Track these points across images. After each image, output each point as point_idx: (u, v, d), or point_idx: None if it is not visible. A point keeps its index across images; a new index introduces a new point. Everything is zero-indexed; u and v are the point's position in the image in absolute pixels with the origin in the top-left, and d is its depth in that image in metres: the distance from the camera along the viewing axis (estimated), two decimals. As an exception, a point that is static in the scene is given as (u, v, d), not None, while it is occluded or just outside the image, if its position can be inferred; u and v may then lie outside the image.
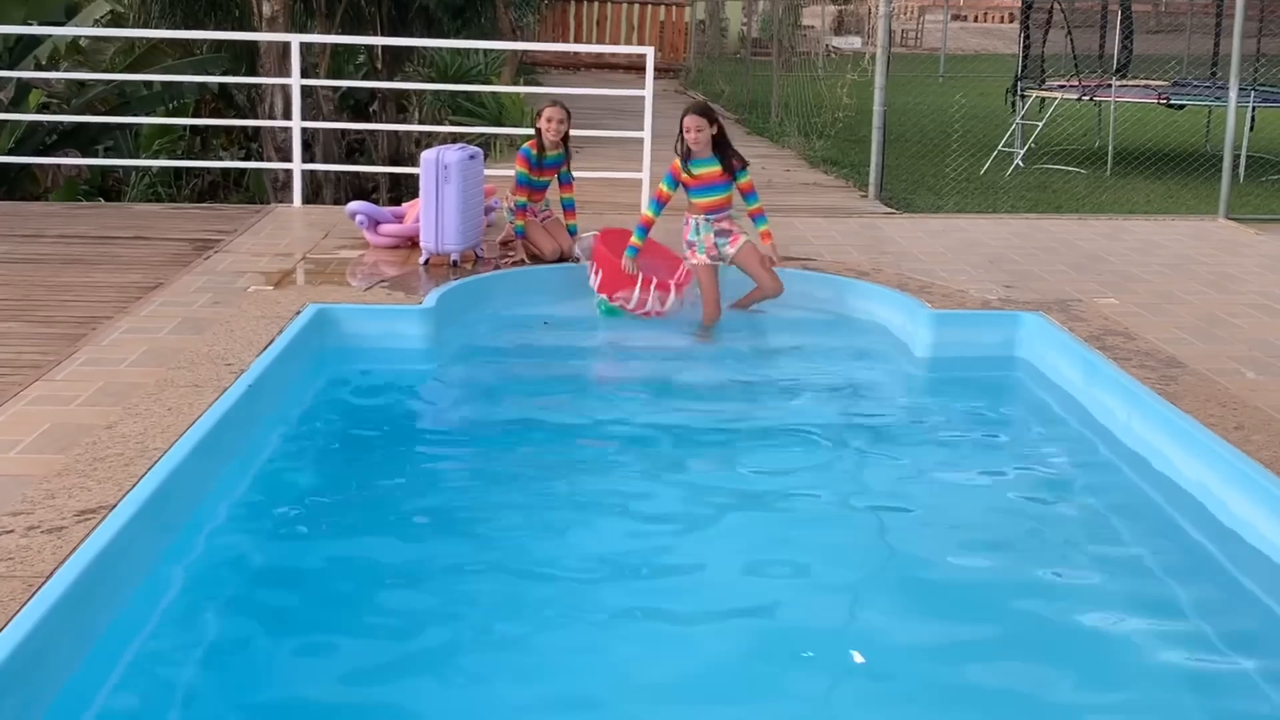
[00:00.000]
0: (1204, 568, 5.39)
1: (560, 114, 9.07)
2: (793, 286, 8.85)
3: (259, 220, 10.73)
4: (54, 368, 6.55)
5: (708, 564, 5.37)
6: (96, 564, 4.36)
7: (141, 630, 4.52)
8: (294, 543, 5.42)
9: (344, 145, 20.49)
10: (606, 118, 16.77)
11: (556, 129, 9.06)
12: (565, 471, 6.33)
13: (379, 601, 4.97)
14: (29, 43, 17.74)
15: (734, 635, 4.80)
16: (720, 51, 32.90)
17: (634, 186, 11.73)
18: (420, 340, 7.69)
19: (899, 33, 40.10)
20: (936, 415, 7.32)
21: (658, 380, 7.75)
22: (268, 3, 17.23)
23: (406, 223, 9.53)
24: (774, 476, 6.29)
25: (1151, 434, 6.30)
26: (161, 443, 5.43)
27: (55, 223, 10.51)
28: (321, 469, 6.19)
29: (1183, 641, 4.85)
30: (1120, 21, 18.95)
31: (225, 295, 8.04)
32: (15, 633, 3.86)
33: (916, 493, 6.16)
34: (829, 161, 16.67)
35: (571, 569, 5.25)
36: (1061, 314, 7.99)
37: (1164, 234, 11.05)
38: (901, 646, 4.75)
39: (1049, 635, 4.86)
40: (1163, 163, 16.49)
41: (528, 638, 4.70)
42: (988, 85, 23.69)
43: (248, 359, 6.61)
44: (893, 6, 13.70)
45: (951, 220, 11.88)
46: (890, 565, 5.43)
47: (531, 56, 29.37)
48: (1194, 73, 20.83)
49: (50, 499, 4.86)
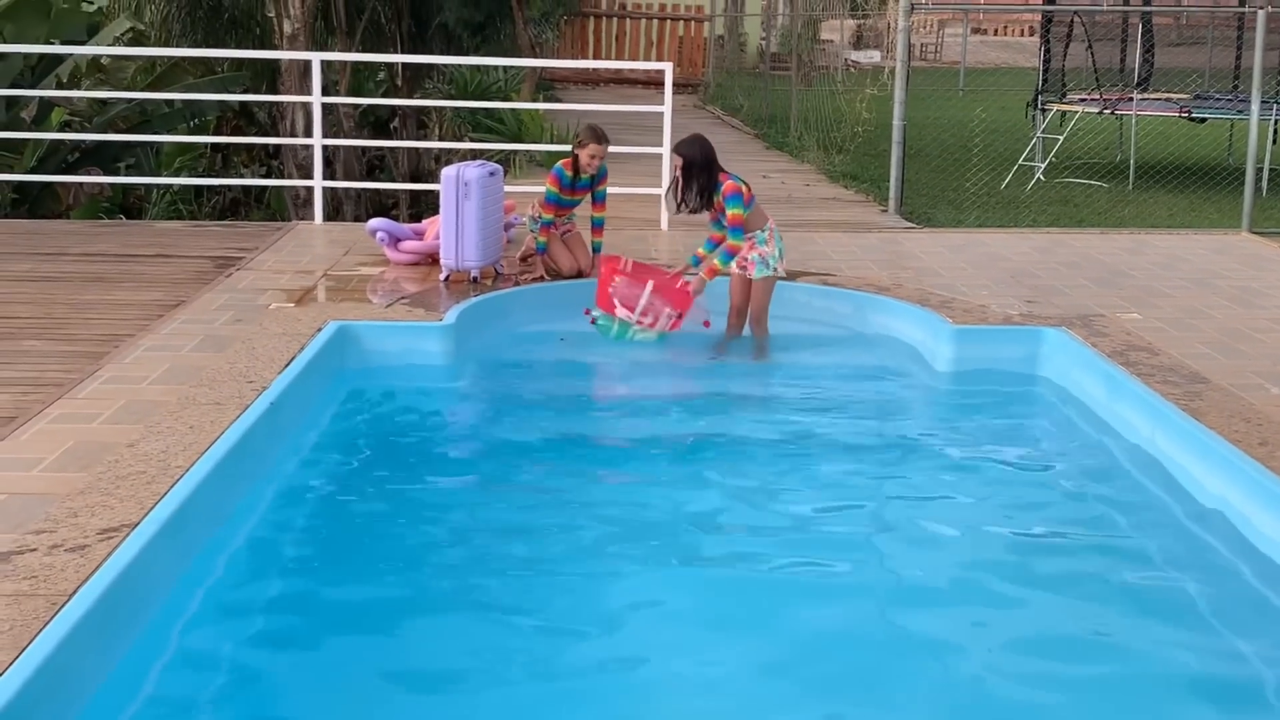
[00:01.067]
0: (1229, 584, 5.35)
1: (604, 150, 9.00)
2: (813, 302, 8.86)
3: (280, 237, 10.75)
4: (76, 386, 6.57)
5: (732, 580, 5.35)
6: (119, 582, 4.37)
7: (164, 649, 4.52)
8: (316, 561, 5.41)
9: (364, 162, 20.55)
10: (625, 133, 16.75)
11: (599, 164, 9.05)
12: (587, 487, 6.32)
13: (400, 619, 4.96)
14: (51, 61, 17.82)
15: (755, 649, 4.78)
16: (739, 66, 32.84)
17: (653, 202, 11.72)
18: (440, 357, 7.70)
19: (918, 46, 40.04)
20: (959, 432, 7.29)
21: (677, 396, 7.74)
22: (288, 21, 17.28)
23: (427, 239, 9.53)
24: (797, 493, 6.27)
25: (1175, 450, 6.27)
26: (183, 461, 5.43)
27: (77, 241, 10.55)
28: (343, 486, 6.18)
29: (1209, 658, 4.82)
30: (1141, 34, 18.92)
31: (247, 313, 8.05)
32: (39, 651, 3.87)
33: (939, 509, 6.14)
34: (849, 176, 16.65)
35: (594, 583, 5.25)
36: (1084, 329, 7.96)
37: (1187, 248, 11.00)
38: (924, 659, 4.73)
39: (1069, 649, 4.84)
40: (1185, 176, 16.44)
41: (551, 653, 4.70)
42: (1008, 99, 23.58)
43: (269, 376, 6.62)
44: (912, 21, 13.69)
45: (972, 235, 11.85)
46: (912, 583, 5.40)
47: (551, 72, 29.39)
48: (1216, 86, 20.75)
49: (73, 517, 4.87)
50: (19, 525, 4.81)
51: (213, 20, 19.23)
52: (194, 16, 19.08)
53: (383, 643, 4.79)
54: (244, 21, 19.60)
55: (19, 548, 4.61)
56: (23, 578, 4.37)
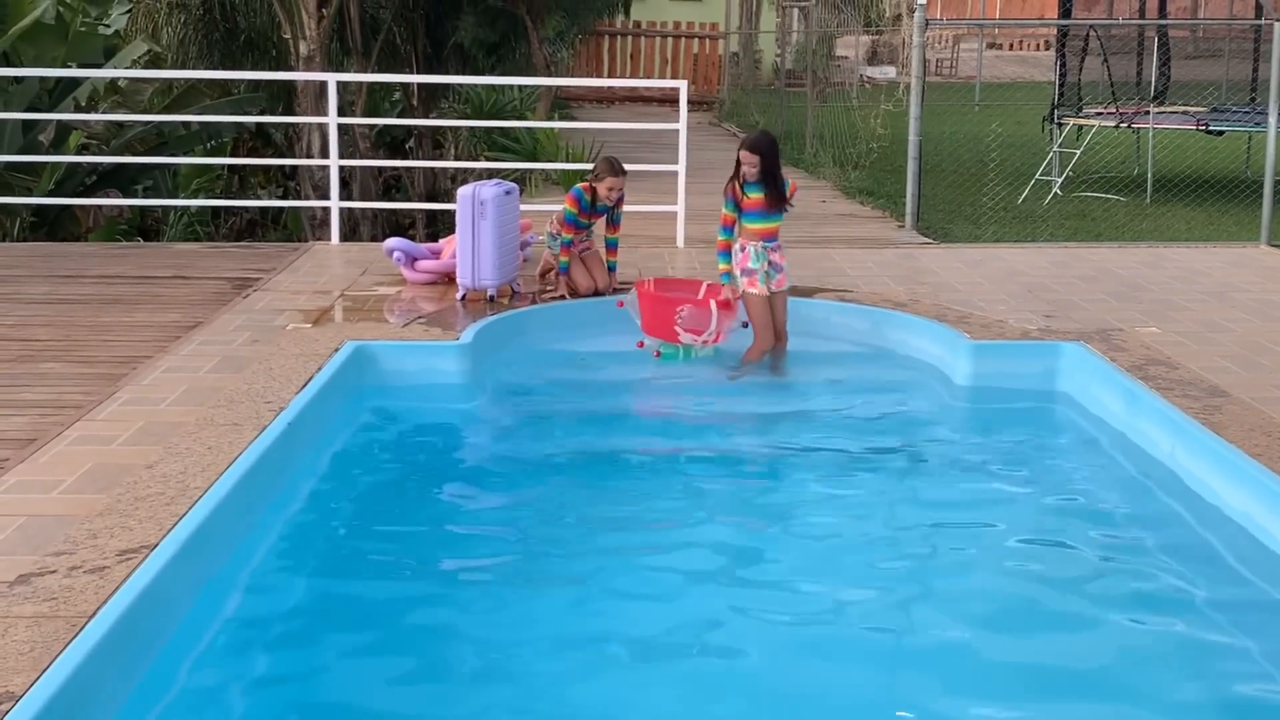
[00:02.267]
0: (1251, 599, 5.33)
1: (621, 183, 9.01)
2: (830, 319, 8.85)
3: (297, 258, 10.78)
4: (95, 408, 6.58)
5: (752, 598, 5.33)
6: (138, 603, 4.37)
7: (183, 670, 4.52)
8: (334, 581, 5.41)
9: (381, 182, 20.61)
10: (641, 151, 16.78)
11: (616, 196, 9.07)
12: (606, 506, 6.30)
13: (418, 639, 4.95)
14: (68, 84, 17.91)
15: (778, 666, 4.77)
16: (754, 83, 32.90)
17: (669, 220, 11.72)
18: (458, 376, 7.69)
19: (934, 61, 40.06)
20: (978, 447, 7.27)
21: (695, 414, 7.73)
22: (304, 42, 17.35)
23: (443, 259, 9.54)
24: (816, 510, 6.26)
25: (1196, 464, 6.25)
26: (202, 481, 5.44)
27: (95, 263, 10.59)
28: (361, 506, 6.18)
29: (1233, 678, 4.80)
30: (1157, 47, 18.87)
31: (264, 333, 8.07)
32: (59, 673, 3.88)
33: (960, 525, 6.11)
34: (865, 192, 16.63)
35: (613, 603, 5.24)
36: (1103, 344, 7.94)
37: (1205, 261, 10.97)
38: (944, 677, 4.71)
39: (1093, 667, 4.81)
40: (1203, 189, 16.40)
41: (570, 671, 4.69)
42: (1024, 113, 23.59)
43: (287, 397, 6.63)
44: (926, 36, 13.68)
45: (990, 250, 11.83)
46: (934, 598, 5.37)
47: (566, 91, 29.45)
48: (1233, 98, 20.70)
49: (92, 539, 4.88)
50: (39, 547, 4.82)
51: (229, 42, 19.34)
52: (210, 39, 19.19)
53: (403, 664, 4.78)
54: (260, 43, 19.70)
55: (39, 569, 4.62)
56: (43, 599, 4.38)
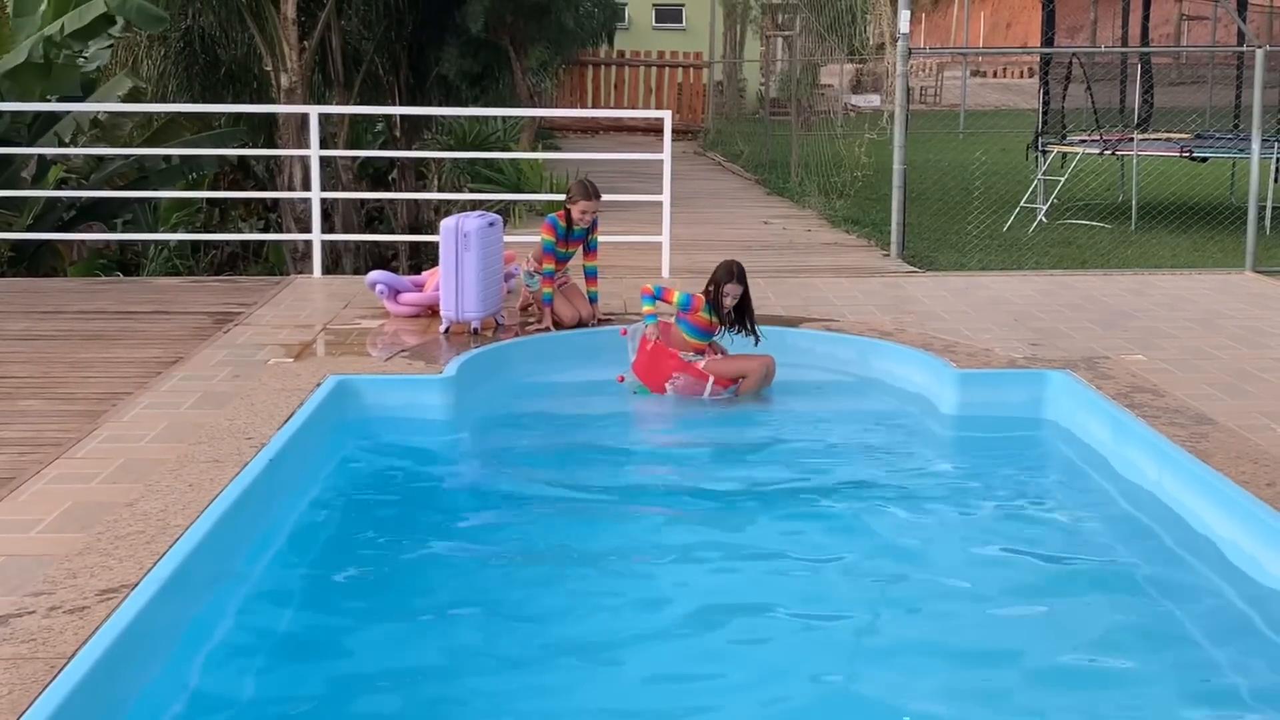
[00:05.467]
0: (1239, 628, 5.29)
1: (595, 205, 9.02)
2: (816, 348, 8.84)
3: (279, 292, 10.73)
4: (74, 445, 6.52)
5: (737, 629, 5.29)
6: (119, 644, 4.31)
7: (165, 710, 4.46)
8: (317, 618, 5.36)
9: (363, 214, 20.60)
10: (625, 180, 16.80)
11: (590, 219, 9.05)
12: (590, 541, 6.26)
13: (404, 679, 4.90)
14: (48, 119, 17.87)
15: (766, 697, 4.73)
16: (739, 112, 33.04)
17: (654, 250, 11.71)
18: (441, 410, 7.65)
19: (918, 90, 40.23)
20: (964, 476, 7.24)
21: (681, 446, 7.70)
22: (286, 74, 17.36)
23: (426, 291, 9.51)
24: (801, 540, 6.21)
25: (1182, 492, 6.23)
26: (183, 519, 5.38)
27: (75, 299, 10.53)
28: (343, 542, 6.13)
29: (1217, 701, 4.76)
30: (1140, 75, 18.96)
31: (246, 368, 8.01)
32: (37, 716, 3.81)
33: (945, 555, 6.09)
34: (850, 221, 16.65)
35: (597, 638, 5.19)
36: (1089, 371, 7.92)
37: (1191, 288, 10.98)
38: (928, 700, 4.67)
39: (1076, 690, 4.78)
40: (1187, 216, 16.45)
41: (554, 706, 4.64)
42: (1008, 141, 23.68)
43: (268, 433, 6.57)
44: (910, 64, 13.71)
45: (975, 278, 11.83)
46: (919, 628, 5.34)
47: (550, 121, 29.50)
48: (1216, 125, 20.79)
49: (72, 578, 4.82)
50: (17, 588, 4.76)
51: (209, 75, 19.36)
52: (191, 72, 19.22)
53: (388, 701, 4.74)
54: (241, 75, 19.72)
55: (17, 610, 4.56)
56: (21, 641, 4.32)
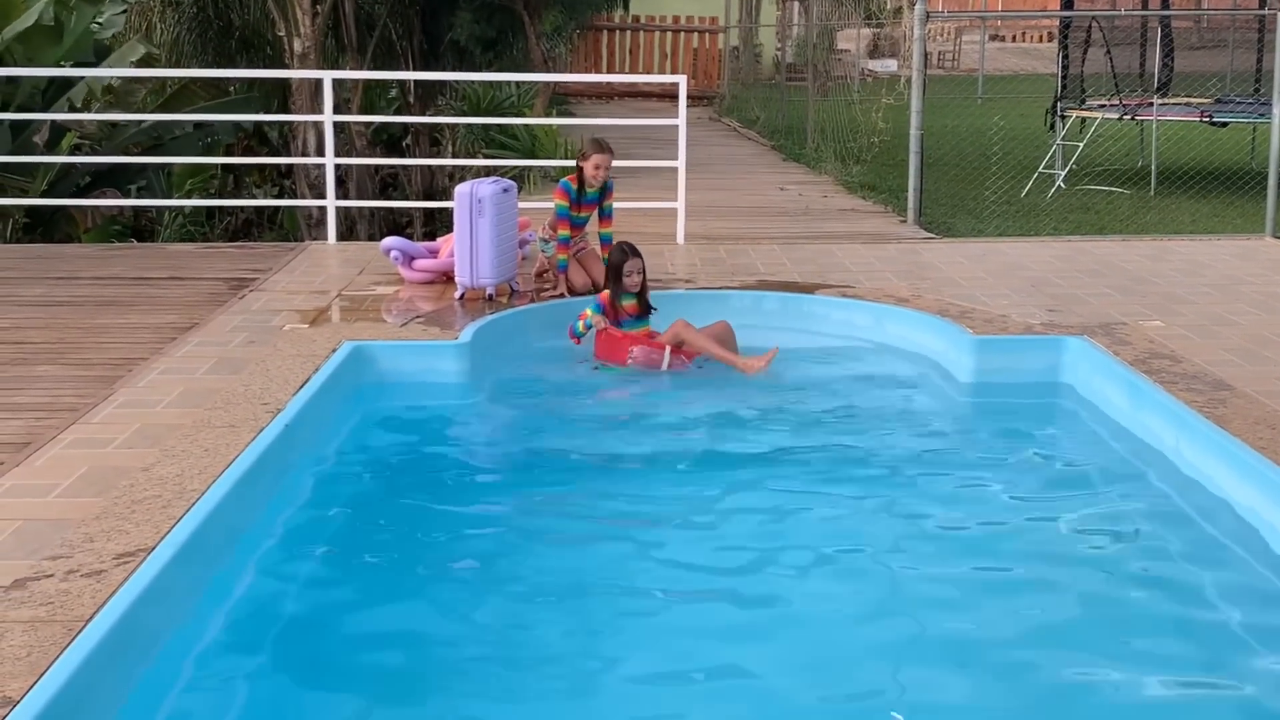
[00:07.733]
0: (1258, 593, 5.28)
1: (608, 160, 8.99)
2: (832, 314, 8.81)
3: (294, 258, 10.73)
4: (91, 410, 6.53)
5: (755, 599, 5.29)
6: (136, 607, 4.33)
7: (181, 673, 4.48)
8: (332, 584, 5.37)
9: (378, 181, 20.55)
10: (640, 146, 16.75)
11: (604, 175, 9.02)
12: (606, 506, 6.27)
13: (419, 643, 4.91)
14: (62, 85, 17.85)
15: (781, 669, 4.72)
16: (755, 78, 32.84)
17: (669, 216, 11.66)
18: (456, 375, 7.65)
19: (935, 54, 39.97)
20: (981, 443, 7.23)
21: (696, 412, 7.66)
22: (299, 40, 17.31)
23: (441, 257, 9.49)
24: (820, 508, 6.20)
25: (1200, 458, 6.21)
26: (199, 484, 5.39)
27: (90, 265, 10.53)
28: (359, 508, 6.12)
29: (1230, 664, 4.76)
30: (1161, 39, 18.78)
31: (261, 334, 8.01)
32: (56, 678, 3.84)
33: (963, 522, 6.06)
34: (866, 187, 16.58)
35: (613, 604, 5.20)
36: (1106, 338, 7.88)
37: (1210, 254, 10.92)
38: (947, 677, 4.67)
39: (1095, 658, 4.78)
40: (1207, 181, 16.35)
41: (568, 675, 4.65)
42: (1027, 106, 23.53)
43: (284, 398, 6.57)
44: (928, 29, 13.62)
45: (992, 244, 11.77)
46: (936, 594, 5.33)
47: (564, 87, 29.41)
48: (1237, 89, 20.62)
49: (89, 542, 4.83)
50: (35, 551, 4.77)
51: (223, 41, 19.30)
52: (205, 37, 19.16)
53: (402, 663, 4.75)
54: (255, 41, 19.65)
55: (35, 574, 4.57)
56: (39, 604, 4.34)
